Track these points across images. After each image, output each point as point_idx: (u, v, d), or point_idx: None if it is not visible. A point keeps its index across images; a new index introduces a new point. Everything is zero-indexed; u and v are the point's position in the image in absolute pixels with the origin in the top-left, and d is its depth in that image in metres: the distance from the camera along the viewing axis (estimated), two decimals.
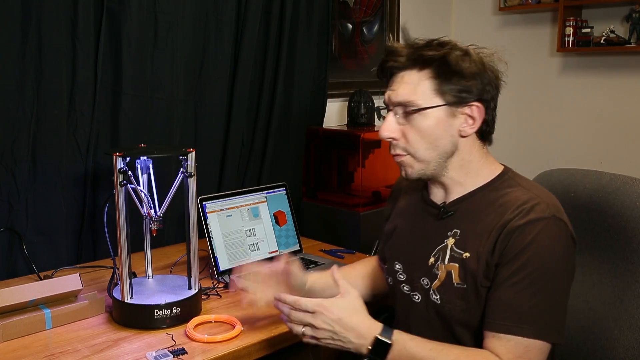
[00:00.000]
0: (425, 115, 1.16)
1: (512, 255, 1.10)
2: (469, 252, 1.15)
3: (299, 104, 2.39)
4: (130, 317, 1.42)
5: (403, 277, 1.29)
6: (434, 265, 1.21)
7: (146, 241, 1.53)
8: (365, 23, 2.81)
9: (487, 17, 3.19)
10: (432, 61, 1.15)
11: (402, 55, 1.18)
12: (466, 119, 1.18)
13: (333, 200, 2.36)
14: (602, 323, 1.28)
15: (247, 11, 2.13)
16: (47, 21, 1.71)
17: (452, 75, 1.14)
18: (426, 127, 1.16)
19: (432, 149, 1.18)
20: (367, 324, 1.15)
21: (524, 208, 1.12)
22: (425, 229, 1.26)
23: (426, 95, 1.15)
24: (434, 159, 1.19)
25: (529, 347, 1.09)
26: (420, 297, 1.24)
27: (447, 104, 1.15)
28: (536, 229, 1.09)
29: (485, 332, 1.13)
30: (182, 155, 1.44)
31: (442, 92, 1.15)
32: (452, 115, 1.17)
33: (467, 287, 1.15)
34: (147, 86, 1.94)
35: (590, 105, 2.89)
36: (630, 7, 2.66)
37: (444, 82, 1.15)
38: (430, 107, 1.15)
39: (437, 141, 1.17)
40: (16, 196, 1.74)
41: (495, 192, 1.19)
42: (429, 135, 1.16)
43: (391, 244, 1.35)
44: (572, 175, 1.41)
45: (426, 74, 1.15)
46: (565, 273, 1.12)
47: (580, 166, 1.49)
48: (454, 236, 1.19)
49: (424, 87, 1.15)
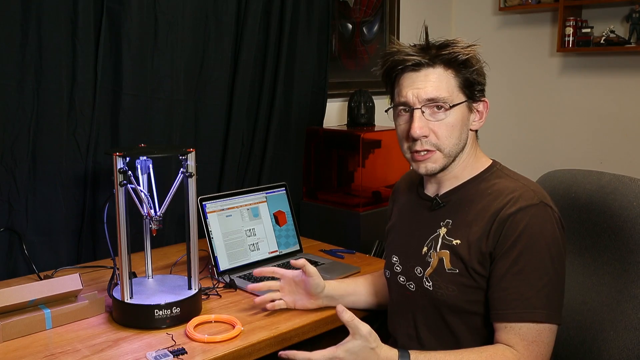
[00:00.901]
0: (454, 111, 1.22)
1: (508, 245, 1.14)
2: (459, 240, 1.21)
3: (299, 104, 2.39)
4: (130, 317, 1.41)
5: (399, 268, 1.34)
6: (426, 254, 1.26)
7: (146, 241, 1.53)
8: (365, 23, 2.81)
9: (487, 17, 3.19)
10: (456, 61, 1.21)
11: (418, 54, 1.21)
12: (476, 114, 1.26)
13: (333, 200, 2.36)
14: (599, 324, 1.28)
15: (247, 11, 2.14)
16: (47, 21, 1.71)
17: (472, 74, 1.22)
18: (454, 122, 1.22)
19: (458, 144, 1.24)
20: (383, 356, 1.16)
21: (513, 196, 1.17)
22: (419, 221, 1.31)
23: (453, 92, 1.22)
24: (456, 153, 1.25)
25: (540, 331, 1.13)
26: (414, 285, 1.29)
27: (468, 100, 1.23)
28: (527, 215, 1.15)
29: (496, 324, 1.16)
30: (182, 155, 1.44)
31: (463, 89, 1.22)
32: (470, 111, 1.25)
33: (458, 271, 1.20)
34: (147, 86, 1.94)
35: (590, 105, 2.89)
36: (630, 7, 2.66)
37: (466, 80, 1.22)
38: (457, 103, 1.22)
39: (460, 135, 1.23)
40: (16, 196, 1.74)
41: (484, 182, 1.25)
42: (457, 130, 1.22)
43: (390, 240, 1.41)
44: (573, 176, 1.41)
45: (452, 72, 1.22)
46: (559, 255, 1.16)
47: (581, 166, 1.49)
48: (446, 226, 1.25)
49: (451, 84, 1.22)
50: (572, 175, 1.42)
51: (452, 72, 1.21)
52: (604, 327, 1.26)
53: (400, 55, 1.22)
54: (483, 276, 1.18)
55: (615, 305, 1.25)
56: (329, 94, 2.53)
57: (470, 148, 1.27)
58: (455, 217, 1.24)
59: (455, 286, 1.21)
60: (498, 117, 3.06)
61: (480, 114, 1.26)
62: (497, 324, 1.16)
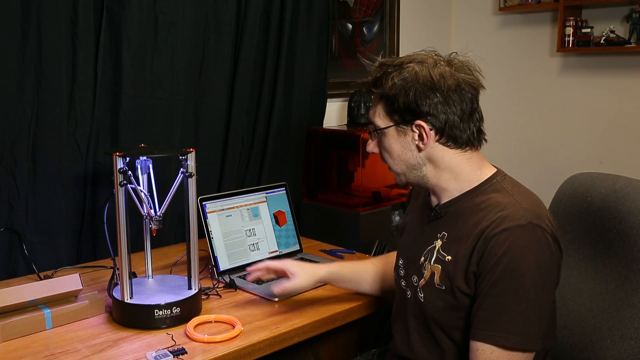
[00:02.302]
0: (384, 135, 1.25)
1: (490, 266, 1.13)
2: (450, 256, 1.20)
3: (299, 104, 2.39)
4: (130, 317, 1.41)
5: (402, 272, 1.35)
6: (422, 265, 1.27)
7: (146, 241, 1.53)
8: (365, 23, 2.81)
9: (487, 17, 3.19)
10: (378, 84, 1.23)
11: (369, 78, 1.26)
12: (414, 136, 1.23)
13: (333, 200, 2.36)
14: (599, 331, 1.26)
15: (247, 11, 2.13)
16: (47, 21, 1.71)
17: (394, 99, 1.21)
18: (387, 145, 1.26)
19: (400, 163, 1.26)
20: None
21: (501, 215, 1.14)
22: (422, 229, 1.32)
23: (382, 116, 1.25)
24: (406, 171, 1.27)
25: (512, 357, 1.11)
26: (410, 293, 1.30)
27: (395, 124, 1.23)
28: (511, 237, 1.12)
29: (471, 342, 1.16)
30: (182, 155, 1.44)
31: (390, 114, 1.24)
32: (403, 133, 1.24)
33: (444, 288, 1.20)
34: (147, 86, 1.94)
35: (590, 105, 2.89)
36: (630, 7, 2.66)
37: (390, 105, 1.23)
38: (385, 127, 1.25)
39: (400, 156, 1.25)
40: (16, 196, 1.74)
41: (480, 196, 1.22)
42: (391, 152, 1.26)
43: (401, 241, 1.41)
44: (592, 180, 1.38)
45: (378, 97, 1.26)
46: (543, 279, 1.12)
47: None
48: (442, 238, 1.24)
49: (380, 109, 1.25)
50: (591, 179, 1.38)
51: (378, 97, 1.25)
52: (604, 335, 1.24)
53: (363, 79, 1.28)
54: (467, 295, 1.17)
55: (615, 313, 1.23)
56: (329, 94, 2.53)
57: (442, 162, 1.23)
58: (450, 231, 1.23)
59: (441, 302, 1.21)
60: (498, 117, 3.06)
61: (422, 135, 1.21)
62: (472, 342, 1.15)
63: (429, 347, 1.26)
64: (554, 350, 1.34)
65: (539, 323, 1.13)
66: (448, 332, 1.23)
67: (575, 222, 1.39)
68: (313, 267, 1.52)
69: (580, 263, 1.38)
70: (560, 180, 1.48)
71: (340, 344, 1.65)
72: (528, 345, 1.12)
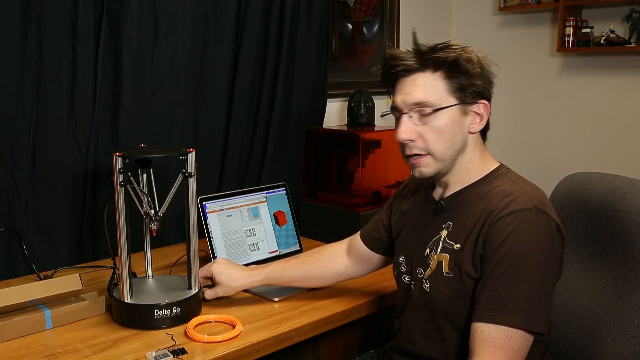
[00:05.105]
0: (442, 115, 1.21)
1: (495, 247, 1.14)
2: (459, 244, 1.21)
3: (299, 104, 2.39)
4: (130, 317, 1.41)
5: (404, 268, 1.35)
6: (428, 256, 1.27)
7: (146, 241, 1.53)
8: (365, 23, 2.81)
9: (487, 17, 3.19)
10: (444, 63, 1.20)
11: (410, 59, 1.22)
12: (474, 116, 1.24)
13: (333, 200, 2.36)
14: (599, 330, 1.26)
15: (247, 11, 2.13)
16: (47, 21, 1.71)
17: (463, 76, 1.20)
18: (443, 125, 1.21)
19: (449, 147, 1.23)
20: None
21: (507, 199, 1.16)
22: (425, 223, 1.32)
23: (441, 95, 1.21)
24: (450, 157, 1.24)
25: (511, 336, 1.10)
26: (415, 286, 1.30)
27: (460, 103, 1.21)
28: (517, 220, 1.13)
29: (472, 325, 1.15)
30: (182, 155, 1.44)
31: (454, 92, 1.21)
32: (464, 114, 1.23)
33: (453, 275, 1.20)
34: (147, 86, 1.94)
35: (590, 105, 2.89)
36: (630, 7, 2.65)
37: (456, 83, 1.21)
38: (445, 106, 1.21)
39: (453, 139, 1.22)
40: (16, 196, 1.74)
41: (486, 185, 1.24)
42: (447, 134, 1.22)
43: (399, 241, 1.41)
44: (590, 179, 1.38)
45: (439, 76, 1.21)
46: (547, 264, 1.13)
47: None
48: (447, 228, 1.25)
49: (438, 88, 1.21)
50: (588, 178, 1.39)
51: (440, 76, 1.21)
52: (604, 333, 1.24)
53: (392, 61, 1.24)
54: (473, 278, 1.18)
55: (615, 312, 1.24)
56: (329, 94, 2.53)
57: (474, 151, 1.26)
58: (456, 220, 1.24)
59: (448, 290, 1.21)
60: (498, 117, 3.04)
61: (480, 117, 1.24)
62: (473, 324, 1.14)
63: (432, 338, 1.26)
64: (554, 349, 1.34)
65: (542, 305, 1.13)
66: (453, 320, 1.22)
67: (572, 221, 1.40)
68: (242, 275, 1.52)
69: (578, 262, 1.39)
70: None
71: (340, 344, 1.65)
72: (529, 325, 1.10)
